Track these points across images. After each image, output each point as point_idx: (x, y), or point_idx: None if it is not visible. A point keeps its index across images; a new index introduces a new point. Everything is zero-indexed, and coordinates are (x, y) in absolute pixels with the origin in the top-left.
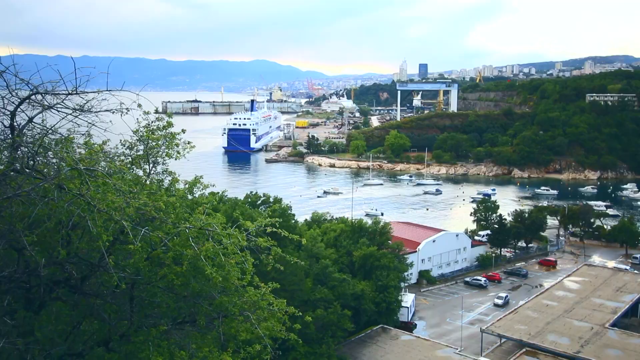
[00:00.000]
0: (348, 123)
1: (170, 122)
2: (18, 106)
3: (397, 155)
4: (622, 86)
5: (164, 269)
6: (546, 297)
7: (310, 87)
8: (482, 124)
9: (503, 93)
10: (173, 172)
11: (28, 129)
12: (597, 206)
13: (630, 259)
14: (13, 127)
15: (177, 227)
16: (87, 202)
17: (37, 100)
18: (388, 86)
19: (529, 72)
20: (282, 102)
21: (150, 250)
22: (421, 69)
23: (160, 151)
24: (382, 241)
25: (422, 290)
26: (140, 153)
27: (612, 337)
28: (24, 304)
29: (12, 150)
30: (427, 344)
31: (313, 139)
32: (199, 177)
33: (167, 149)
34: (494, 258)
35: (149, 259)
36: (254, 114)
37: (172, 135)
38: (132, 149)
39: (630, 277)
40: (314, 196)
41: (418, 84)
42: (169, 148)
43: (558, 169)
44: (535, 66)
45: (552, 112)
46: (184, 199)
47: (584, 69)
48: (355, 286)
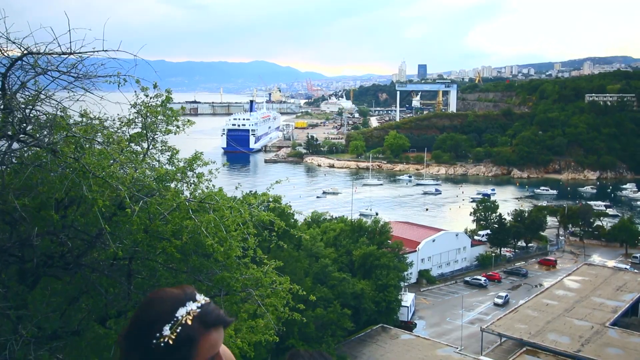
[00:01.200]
0: (347, 124)
1: (170, 96)
2: (9, 68)
3: (396, 156)
4: (621, 86)
5: (163, 243)
6: (546, 296)
7: (309, 88)
8: (481, 125)
9: (502, 93)
10: (173, 147)
11: (21, 93)
12: (597, 206)
13: (630, 258)
14: (4, 90)
15: (177, 199)
16: (82, 167)
17: (30, 63)
18: (387, 87)
19: (528, 72)
20: (281, 102)
21: (149, 223)
22: (420, 69)
23: (159, 126)
24: (382, 240)
25: (422, 289)
26: (138, 130)
27: (612, 336)
28: (18, 279)
29: (3, 114)
30: (427, 343)
31: (312, 140)
32: (199, 153)
33: (166, 124)
34: (493, 258)
35: (147, 232)
36: (253, 114)
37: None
38: (130, 126)
39: (630, 276)
40: (313, 196)
41: (417, 85)
42: (168, 123)
43: (557, 169)
44: (534, 67)
45: (551, 112)
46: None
47: (583, 70)
48: (355, 285)
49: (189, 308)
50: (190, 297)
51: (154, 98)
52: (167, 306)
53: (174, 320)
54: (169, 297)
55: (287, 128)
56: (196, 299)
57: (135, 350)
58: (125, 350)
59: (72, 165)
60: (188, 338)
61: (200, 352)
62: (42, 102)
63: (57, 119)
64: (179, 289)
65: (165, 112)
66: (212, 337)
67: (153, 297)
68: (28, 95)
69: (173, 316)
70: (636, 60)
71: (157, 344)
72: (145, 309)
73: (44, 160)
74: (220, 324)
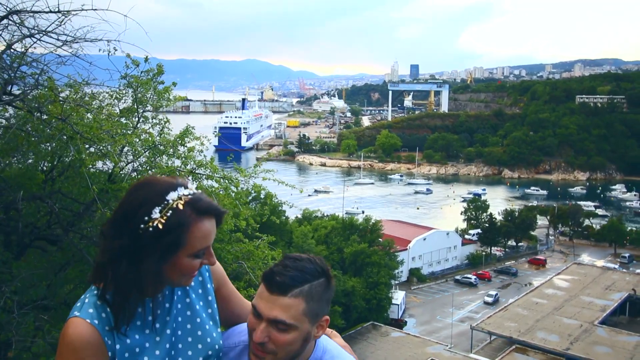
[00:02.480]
0: (339, 123)
1: (161, 68)
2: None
3: (388, 155)
4: (611, 88)
5: None
6: (536, 295)
7: (302, 86)
8: (473, 125)
9: (494, 94)
10: (164, 118)
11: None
12: (586, 206)
13: (618, 258)
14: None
15: (169, 167)
16: (70, 128)
17: (16, 22)
18: (379, 87)
19: (520, 74)
20: (273, 101)
21: None
22: (412, 69)
23: (150, 100)
24: (373, 238)
25: (413, 287)
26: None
27: (601, 335)
28: (3, 246)
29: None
30: (417, 340)
31: (304, 138)
32: (191, 127)
33: (158, 98)
34: (484, 256)
35: None
36: (245, 112)
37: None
38: (120, 99)
39: (618, 275)
40: (305, 195)
41: (409, 85)
42: (160, 98)
43: (548, 170)
44: (526, 68)
45: (542, 113)
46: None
47: (574, 72)
48: (345, 283)
49: (180, 193)
50: (182, 184)
51: (144, 73)
52: (157, 189)
53: (165, 204)
54: (159, 181)
55: (279, 126)
56: (188, 186)
57: (120, 236)
58: (110, 237)
59: (59, 127)
60: (179, 223)
61: (190, 241)
62: (30, 65)
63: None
64: (170, 177)
65: (156, 87)
66: (204, 226)
67: (142, 181)
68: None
69: (164, 199)
70: (626, 63)
71: (146, 229)
72: (134, 192)
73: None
74: (213, 213)
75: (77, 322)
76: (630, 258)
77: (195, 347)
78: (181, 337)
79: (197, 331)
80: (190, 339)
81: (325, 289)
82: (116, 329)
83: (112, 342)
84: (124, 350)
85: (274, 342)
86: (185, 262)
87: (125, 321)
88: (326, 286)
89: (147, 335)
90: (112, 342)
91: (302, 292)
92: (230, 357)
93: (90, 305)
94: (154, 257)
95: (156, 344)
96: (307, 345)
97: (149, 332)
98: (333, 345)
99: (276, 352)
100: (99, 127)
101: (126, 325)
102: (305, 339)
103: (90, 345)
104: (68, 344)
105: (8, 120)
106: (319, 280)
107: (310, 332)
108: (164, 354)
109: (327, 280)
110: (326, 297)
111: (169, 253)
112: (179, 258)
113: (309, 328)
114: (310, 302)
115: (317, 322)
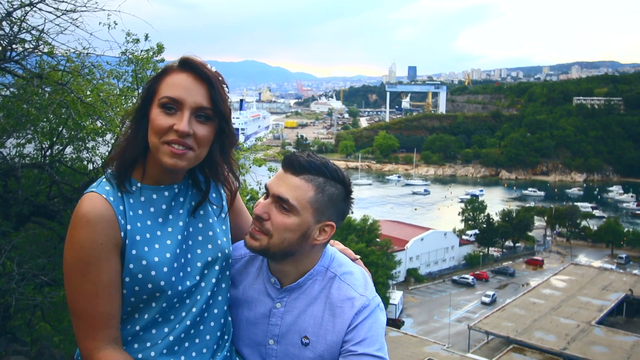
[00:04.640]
0: (337, 124)
1: (162, 46)
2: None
3: (385, 156)
4: (608, 90)
5: None
6: (533, 295)
7: (299, 88)
8: (470, 126)
9: (491, 96)
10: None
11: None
12: (584, 207)
13: (615, 258)
14: None
15: None
16: (70, 93)
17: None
18: (377, 88)
19: (517, 76)
20: (271, 102)
21: None
22: (410, 71)
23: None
24: (371, 238)
25: (410, 288)
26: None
27: (598, 335)
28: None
29: None
30: (414, 340)
31: (302, 139)
32: None
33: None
34: (481, 257)
35: None
36: (242, 113)
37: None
38: (119, 79)
39: (615, 276)
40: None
41: (407, 86)
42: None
43: (545, 171)
44: (523, 70)
45: (540, 114)
46: None
47: (571, 74)
48: None
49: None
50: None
51: (144, 52)
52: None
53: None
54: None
55: (277, 127)
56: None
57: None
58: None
59: (58, 91)
60: (158, 74)
61: (160, 88)
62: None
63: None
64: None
65: (155, 65)
66: (179, 76)
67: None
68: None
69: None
70: (623, 65)
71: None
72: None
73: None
74: (189, 67)
75: (93, 196)
76: (627, 259)
77: (205, 247)
78: (192, 234)
79: (208, 231)
80: (200, 237)
81: (340, 197)
82: (119, 186)
83: (125, 222)
84: (136, 233)
85: (272, 222)
86: (154, 113)
87: (124, 175)
88: (342, 196)
89: (159, 224)
90: (125, 222)
91: (315, 181)
92: (237, 268)
93: (106, 184)
94: (140, 110)
95: (168, 234)
96: (304, 244)
97: (162, 220)
98: (341, 255)
99: (271, 234)
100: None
101: (128, 184)
102: (304, 234)
103: (105, 220)
104: (82, 216)
105: (7, 87)
106: (336, 184)
107: (311, 227)
108: (174, 245)
109: (345, 191)
110: (339, 205)
111: (146, 101)
112: (152, 110)
113: (311, 222)
114: (319, 195)
115: (321, 223)
